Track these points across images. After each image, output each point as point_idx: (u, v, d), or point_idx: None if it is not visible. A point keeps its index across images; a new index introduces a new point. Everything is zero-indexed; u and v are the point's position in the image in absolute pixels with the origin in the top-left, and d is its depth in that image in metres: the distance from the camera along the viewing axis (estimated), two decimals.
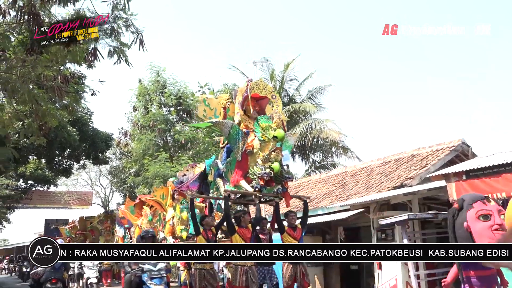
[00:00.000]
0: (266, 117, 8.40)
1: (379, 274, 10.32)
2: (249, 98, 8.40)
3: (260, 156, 8.06)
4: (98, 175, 41.86)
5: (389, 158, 14.35)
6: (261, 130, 8.17)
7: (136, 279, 9.03)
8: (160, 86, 25.84)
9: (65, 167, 30.18)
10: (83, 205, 39.13)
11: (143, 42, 8.63)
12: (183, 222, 13.65)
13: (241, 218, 8.20)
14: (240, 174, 8.32)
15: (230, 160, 8.68)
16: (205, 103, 8.98)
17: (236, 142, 8.26)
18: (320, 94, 27.09)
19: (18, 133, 18.86)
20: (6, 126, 10.78)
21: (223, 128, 8.27)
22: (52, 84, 9.09)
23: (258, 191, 8.08)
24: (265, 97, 8.65)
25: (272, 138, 8.05)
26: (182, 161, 22.73)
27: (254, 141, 8.17)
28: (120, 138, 29.63)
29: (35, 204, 35.47)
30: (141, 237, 10.25)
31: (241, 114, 8.42)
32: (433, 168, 11.22)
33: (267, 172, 7.91)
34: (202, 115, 8.97)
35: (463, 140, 12.11)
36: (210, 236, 8.30)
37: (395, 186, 11.24)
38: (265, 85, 8.75)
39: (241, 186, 8.26)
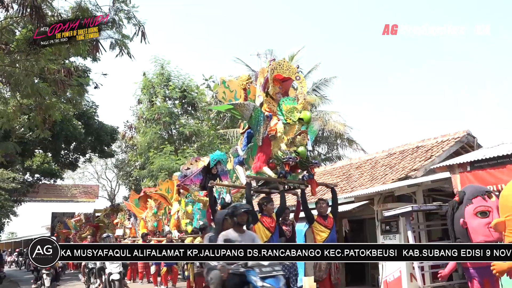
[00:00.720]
0: (291, 99, 7.83)
1: (383, 266, 10.30)
2: (271, 79, 7.83)
3: (284, 140, 7.54)
4: (104, 168, 42.09)
5: (394, 150, 14.28)
6: (285, 113, 7.60)
7: (235, 279, 5.65)
8: (164, 79, 25.86)
9: (71, 161, 30.33)
10: (90, 198, 39.31)
11: (145, 34, 8.64)
12: (188, 216, 13.68)
13: (264, 206, 7.58)
14: (263, 160, 7.70)
15: (251, 146, 8.08)
16: (224, 85, 8.27)
17: (257, 125, 7.59)
18: (325, 86, 26.96)
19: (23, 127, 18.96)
20: (11, 119, 10.82)
21: (244, 110, 7.56)
22: (55, 77, 9.10)
23: (283, 177, 7.53)
24: (288, 78, 8.03)
25: (297, 121, 7.50)
26: (187, 154, 22.76)
27: (277, 125, 7.65)
28: (125, 131, 29.71)
29: (41, 197, 35.69)
30: None
31: (263, 96, 7.89)
32: (438, 159, 11.15)
33: (293, 156, 7.36)
34: (221, 97, 8.25)
35: (469, 131, 12.02)
36: None
37: (400, 178, 11.18)
38: (289, 65, 8.07)
39: (264, 173, 7.68)
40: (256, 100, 8.00)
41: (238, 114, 7.76)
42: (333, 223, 7.84)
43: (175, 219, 14.07)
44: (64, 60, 11.18)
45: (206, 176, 11.91)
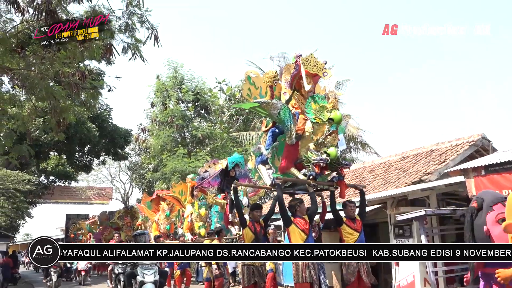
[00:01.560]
0: (320, 97, 7.43)
1: (396, 270, 10.22)
2: (300, 75, 7.48)
3: (313, 140, 7.22)
4: (118, 170, 42.45)
5: (408, 153, 14.18)
6: (314, 111, 7.22)
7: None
8: (177, 82, 26.00)
9: (85, 163, 30.64)
10: (103, 200, 39.61)
11: (158, 38, 8.69)
12: (202, 219, 13.73)
13: (297, 207, 7.27)
14: (290, 160, 7.41)
15: (276, 145, 7.73)
16: (249, 81, 7.90)
17: (287, 124, 7.27)
18: (338, 89, 26.85)
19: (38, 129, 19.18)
20: (26, 122, 10.94)
21: (271, 109, 7.22)
22: (69, 80, 9.19)
23: (313, 179, 7.16)
24: (315, 74, 7.64)
25: (327, 121, 7.13)
26: (200, 156, 22.84)
27: (305, 124, 7.34)
28: (139, 134, 29.93)
29: (56, 199, 36.06)
30: None
31: (289, 93, 7.62)
32: (452, 163, 11.04)
33: (324, 158, 7.02)
34: (246, 95, 7.92)
35: (483, 134, 11.89)
36: (258, 229, 7.50)
37: (413, 182, 11.09)
38: (316, 60, 7.64)
39: (292, 174, 7.38)
40: (282, 97, 7.74)
41: (264, 112, 7.47)
42: (361, 226, 7.63)
43: (189, 221, 14.11)
44: (79, 63, 11.29)
45: (224, 179, 11.94)
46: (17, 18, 8.99)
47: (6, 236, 26.14)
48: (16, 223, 25.57)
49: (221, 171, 12.38)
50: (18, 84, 9.75)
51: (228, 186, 12.18)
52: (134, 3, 8.57)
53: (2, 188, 20.60)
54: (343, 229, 7.49)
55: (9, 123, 12.57)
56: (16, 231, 30.06)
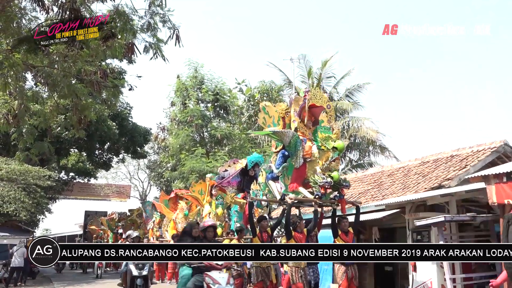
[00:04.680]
0: (326, 128, 9.05)
1: (413, 276, 10.10)
2: (306, 109, 8.84)
3: (319, 164, 8.64)
4: (137, 169, 42.86)
5: (428, 158, 14.02)
6: (320, 140, 8.77)
7: None
8: (197, 82, 26.13)
9: (105, 160, 31.00)
10: (122, 198, 40.00)
11: (179, 38, 8.73)
12: (218, 218, 13.72)
13: (298, 223, 8.64)
14: (299, 180, 8.70)
15: (286, 166, 8.96)
16: (264, 110, 9.31)
17: (296, 150, 8.60)
18: (358, 92, 26.71)
19: (59, 126, 19.44)
20: (48, 119, 11.09)
21: (284, 137, 8.61)
22: (91, 78, 9.30)
23: (319, 198, 8.46)
24: (320, 106, 9.06)
25: (331, 149, 8.64)
26: (218, 156, 22.90)
27: (312, 149, 8.63)
28: (158, 133, 30.17)
29: (75, 195, 36.53)
30: None
31: (297, 121, 8.90)
32: (473, 169, 10.88)
33: (328, 181, 8.39)
34: (262, 123, 9.28)
35: (506, 141, 11.68)
36: (265, 238, 8.72)
37: (433, 187, 10.95)
38: (322, 94, 9.31)
39: (300, 192, 8.64)
40: (292, 124, 9.00)
41: (277, 139, 8.87)
42: (353, 238, 8.83)
43: None
44: (101, 62, 11.41)
45: (244, 178, 12.00)
46: (42, 16, 9.13)
47: (26, 230, 26.52)
48: (36, 218, 25.90)
49: (240, 171, 12.41)
50: (41, 81, 9.90)
51: (248, 185, 12.26)
52: (157, 3, 8.64)
53: (23, 183, 20.92)
54: (337, 240, 8.65)
55: (31, 119, 12.78)
56: (36, 226, 30.45)
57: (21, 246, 18.08)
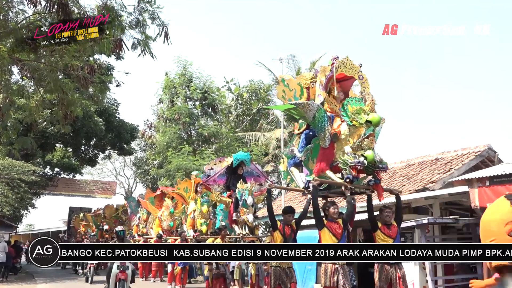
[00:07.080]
0: (357, 99, 7.24)
1: None
2: (334, 78, 7.39)
3: (349, 143, 7.07)
4: (123, 165, 42.63)
5: (413, 161, 14.15)
6: (351, 114, 7.04)
7: None
8: (186, 80, 26.04)
9: (91, 156, 30.78)
10: (107, 194, 39.77)
11: (168, 35, 8.70)
12: (203, 216, 13.71)
13: (330, 210, 7.02)
14: (326, 162, 7.26)
15: (310, 148, 7.62)
16: (284, 83, 7.80)
17: (322, 126, 7.15)
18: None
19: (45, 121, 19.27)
20: (33, 113, 10.99)
21: (307, 110, 7.03)
22: (78, 74, 9.24)
23: (350, 182, 7.01)
24: (351, 77, 7.56)
25: (364, 123, 6.96)
26: (205, 155, 22.88)
27: (341, 126, 7.18)
28: (145, 130, 30.01)
29: (60, 191, 36.20)
30: None
31: (323, 95, 7.42)
32: (457, 172, 11.02)
33: (361, 161, 6.86)
34: (281, 97, 7.77)
35: (490, 145, 11.85)
36: (288, 232, 7.31)
37: (417, 190, 11.07)
38: (352, 63, 7.52)
39: (328, 176, 7.22)
40: (316, 99, 7.53)
41: (298, 114, 7.33)
42: (397, 232, 7.26)
43: (191, 218, 14.11)
44: (88, 57, 11.34)
45: (231, 177, 11.95)
46: (29, 9, 9.04)
47: (9, 226, 26.22)
48: (19, 213, 25.58)
49: (227, 169, 12.39)
50: (27, 75, 9.82)
51: (235, 184, 12.21)
52: (146, 0, 8.61)
53: (7, 177, 20.68)
54: (377, 235, 7.20)
55: (16, 113, 12.65)
56: (19, 221, 30.09)
57: (1, 241, 17.89)
